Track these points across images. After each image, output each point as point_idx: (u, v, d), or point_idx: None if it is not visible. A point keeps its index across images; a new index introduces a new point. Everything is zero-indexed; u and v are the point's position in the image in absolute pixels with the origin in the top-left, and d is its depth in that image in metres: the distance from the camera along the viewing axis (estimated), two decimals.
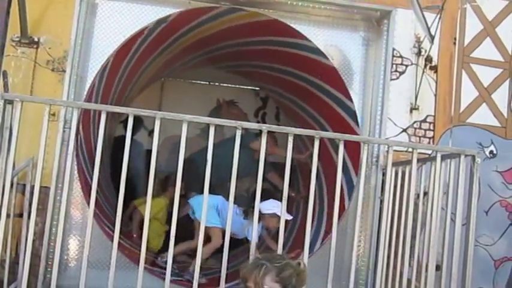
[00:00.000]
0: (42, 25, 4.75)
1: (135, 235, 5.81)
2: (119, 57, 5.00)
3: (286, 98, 6.91)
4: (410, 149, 4.05)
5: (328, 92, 5.57)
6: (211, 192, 3.77)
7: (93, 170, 3.61)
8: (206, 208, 3.70)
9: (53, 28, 4.76)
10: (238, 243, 5.61)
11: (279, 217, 4.47)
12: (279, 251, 3.74)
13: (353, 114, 5.17)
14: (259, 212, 4.79)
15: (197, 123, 3.78)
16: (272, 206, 4.86)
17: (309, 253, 3.85)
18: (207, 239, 5.03)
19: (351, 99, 5.19)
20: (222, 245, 4.90)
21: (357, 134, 4.96)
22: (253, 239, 3.83)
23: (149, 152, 3.74)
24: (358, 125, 5.11)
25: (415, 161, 3.83)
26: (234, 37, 5.87)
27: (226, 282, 3.73)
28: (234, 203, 3.75)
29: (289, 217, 4.90)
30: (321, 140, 3.89)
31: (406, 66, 5.12)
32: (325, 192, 5.83)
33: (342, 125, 5.31)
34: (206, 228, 4.86)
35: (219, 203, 5.10)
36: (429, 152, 4.62)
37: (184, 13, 5.03)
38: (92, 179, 3.65)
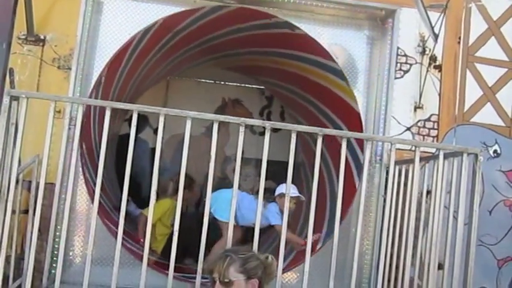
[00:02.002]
0: (49, 23, 4.80)
1: (142, 239, 5.76)
2: (120, 57, 5.03)
3: (291, 91, 6.89)
4: (413, 147, 4.06)
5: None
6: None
7: (92, 168, 3.64)
8: (209, 204, 3.71)
9: (59, 26, 4.80)
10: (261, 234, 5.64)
11: (293, 198, 4.76)
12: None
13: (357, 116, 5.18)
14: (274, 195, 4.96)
15: (202, 121, 3.79)
16: (283, 188, 4.90)
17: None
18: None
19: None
20: (243, 239, 5.03)
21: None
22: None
23: (154, 150, 3.77)
24: (361, 124, 5.12)
25: (417, 158, 3.83)
26: (247, 45, 5.89)
27: None
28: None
29: (302, 197, 5.00)
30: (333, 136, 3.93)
31: (411, 65, 5.13)
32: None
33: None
34: (223, 224, 4.94)
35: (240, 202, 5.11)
36: (433, 151, 4.63)
37: (188, 12, 5.05)
38: (91, 177, 3.68)
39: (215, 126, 3.64)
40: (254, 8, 5.04)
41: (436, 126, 5.11)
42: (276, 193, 5.08)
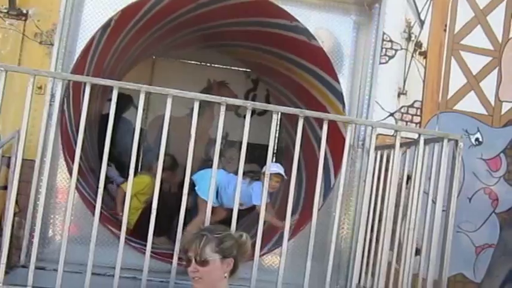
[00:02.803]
0: None
1: (120, 213, 5.77)
2: (111, 31, 4.99)
3: (275, 79, 6.90)
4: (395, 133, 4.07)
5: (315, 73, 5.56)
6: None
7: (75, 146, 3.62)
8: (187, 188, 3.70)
9: (42, 0, 4.72)
10: (245, 214, 5.66)
11: (278, 176, 4.88)
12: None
13: (340, 96, 5.17)
14: (261, 173, 4.96)
15: (187, 103, 3.77)
16: (272, 166, 4.98)
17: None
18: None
19: (338, 81, 5.19)
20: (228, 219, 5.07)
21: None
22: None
23: (140, 130, 3.75)
24: (344, 106, 5.12)
25: (398, 143, 3.85)
26: (225, 17, 5.85)
27: None
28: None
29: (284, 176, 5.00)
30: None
31: (396, 50, 5.12)
32: (305, 174, 5.83)
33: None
34: (203, 203, 4.95)
35: (220, 178, 5.10)
36: (415, 136, 4.63)
37: None
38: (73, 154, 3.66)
39: (196, 105, 3.63)
40: None
41: (419, 113, 5.11)
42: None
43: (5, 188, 4.41)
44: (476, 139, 5.20)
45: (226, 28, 6.15)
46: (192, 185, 5.24)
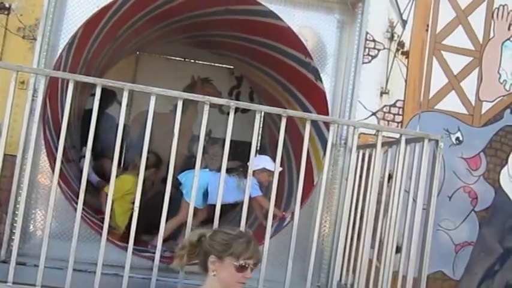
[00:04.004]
0: None
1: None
2: (90, 28, 4.95)
3: (260, 69, 6.90)
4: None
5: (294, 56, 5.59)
6: None
7: (59, 141, 3.60)
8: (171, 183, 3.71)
9: None
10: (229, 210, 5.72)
11: (268, 171, 5.11)
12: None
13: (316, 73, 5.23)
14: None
15: (171, 99, 3.78)
16: (260, 161, 5.23)
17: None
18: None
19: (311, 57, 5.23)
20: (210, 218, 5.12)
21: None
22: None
23: (124, 126, 3.75)
24: (327, 104, 5.15)
25: (379, 143, 3.89)
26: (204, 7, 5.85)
27: None
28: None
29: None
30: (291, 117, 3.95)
31: (379, 50, 5.15)
32: (294, 171, 5.87)
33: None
34: (185, 204, 4.99)
35: (207, 181, 5.14)
36: (396, 136, 4.68)
37: None
38: (57, 150, 3.65)
39: (179, 104, 3.63)
40: None
41: (401, 112, 5.16)
42: (255, 168, 5.06)
43: None
44: (457, 138, 5.26)
45: (207, 18, 6.14)
46: (177, 182, 5.27)
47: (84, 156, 5.78)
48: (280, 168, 5.01)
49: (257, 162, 5.11)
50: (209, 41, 7.10)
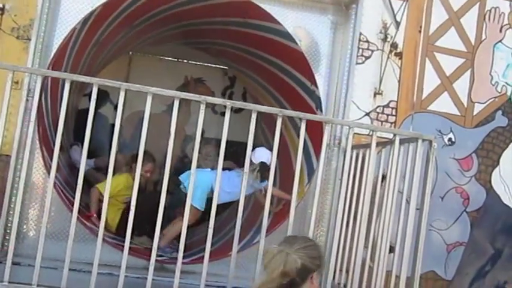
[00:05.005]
0: None
1: (95, 214, 5.65)
2: (88, 28, 4.96)
3: (253, 78, 6.94)
4: (370, 132, 4.13)
5: (294, 76, 5.60)
6: None
7: (52, 141, 3.60)
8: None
9: None
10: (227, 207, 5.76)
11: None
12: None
13: (317, 100, 5.22)
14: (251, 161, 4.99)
15: (163, 99, 3.79)
16: (260, 155, 5.22)
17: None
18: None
19: (316, 85, 5.24)
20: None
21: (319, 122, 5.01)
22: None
23: (114, 126, 3.75)
24: (321, 110, 5.17)
25: (373, 143, 3.92)
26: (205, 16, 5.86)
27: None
28: None
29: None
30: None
31: (372, 51, 5.18)
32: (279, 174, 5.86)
33: (305, 109, 5.36)
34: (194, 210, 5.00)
35: (212, 182, 5.09)
36: (390, 136, 4.71)
37: None
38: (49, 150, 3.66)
39: (176, 103, 3.65)
40: None
41: (394, 113, 5.19)
42: (255, 161, 5.18)
43: None
44: (449, 139, 5.29)
45: (206, 26, 6.16)
46: (176, 184, 5.27)
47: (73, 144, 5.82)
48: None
49: (257, 155, 5.18)
50: (212, 48, 7.12)
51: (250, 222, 5.55)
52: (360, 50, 5.15)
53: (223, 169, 5.19)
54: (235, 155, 5.96)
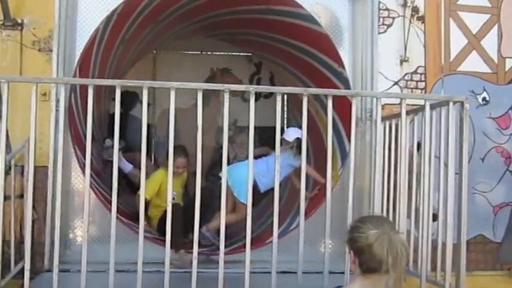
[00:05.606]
0: (24, 6, 4.75)
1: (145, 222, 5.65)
2: (112, 27, 4.99)
3: (279, 64, 6.89)
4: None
5: (320, 59, 5.53)
6: None
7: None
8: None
9: (35, 8, 4.76)
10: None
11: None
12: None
13: (345, 81, 5.15)
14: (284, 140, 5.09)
15: (193, 93, 3.79)
16: (293, 133, 5.18)
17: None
18: (233, 209, 5.19)
19: (343, 66, 5.16)
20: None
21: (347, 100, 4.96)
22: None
23: (149, 125, 3.78)
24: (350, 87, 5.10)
25: (404, 111, 3.84)
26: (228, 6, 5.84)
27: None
28: None
29: None
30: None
31: (393, 18, 5.09)
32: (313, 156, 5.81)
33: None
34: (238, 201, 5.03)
35: (257, 171, 5.04)
36: (421, 102, 4.62)
37: None
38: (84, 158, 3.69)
39: (199, 95, 3.64)
40: None
41: (423, 78, 5.10)
42: (291, 139, 5.18)
43: (21, 196, 4.47)
44: (483, 98, 5.17)
45: (228, 17, 6.13)
46: (217, 178, 5.29)
47: (106, 148, 5.88)
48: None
49: (290, 134, 5.20)
50: (236, 38, 7.11)
51: (287, 208, 5.53)
52: (381, 19, 5.07)
53: (260, 156, 5.24)
54: (270, 140, 5.94)
